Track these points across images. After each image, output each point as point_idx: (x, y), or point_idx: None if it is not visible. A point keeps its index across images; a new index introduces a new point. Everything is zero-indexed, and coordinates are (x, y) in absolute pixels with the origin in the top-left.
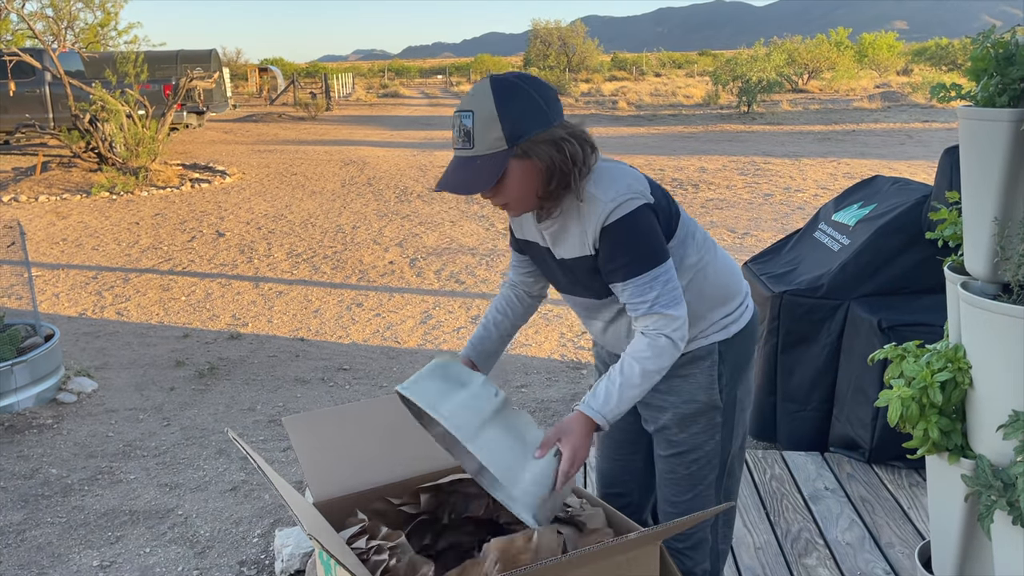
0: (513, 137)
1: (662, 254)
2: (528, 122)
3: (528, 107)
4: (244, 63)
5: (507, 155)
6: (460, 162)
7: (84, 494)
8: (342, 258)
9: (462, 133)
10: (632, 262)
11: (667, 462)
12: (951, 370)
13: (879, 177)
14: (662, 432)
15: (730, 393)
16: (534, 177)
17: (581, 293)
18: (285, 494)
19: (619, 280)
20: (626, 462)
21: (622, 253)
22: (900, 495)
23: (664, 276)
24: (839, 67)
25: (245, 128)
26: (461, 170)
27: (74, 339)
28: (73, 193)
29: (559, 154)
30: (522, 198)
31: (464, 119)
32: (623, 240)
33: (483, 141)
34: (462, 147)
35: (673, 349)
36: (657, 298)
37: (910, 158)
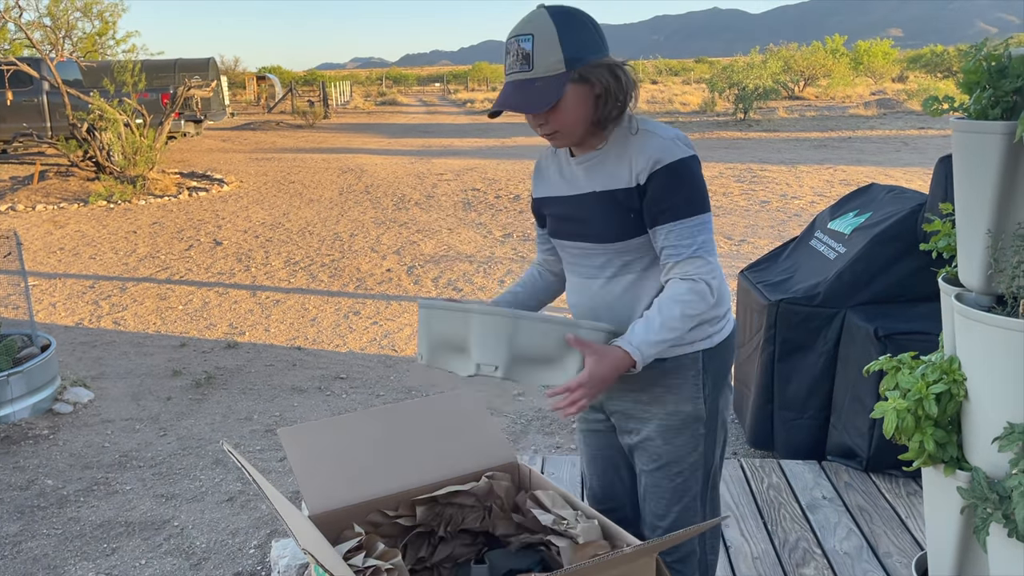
0: (572, 60)
1: (708, 203)
2: (587, 47)
3: (586, 33)
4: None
5: (566, 77)
6: (517, 84)
7: (80, 505)
8: (339, 266)
9: (520, 56)
10: (687, 203)
11: (651, 476)
12: (946, 382)
13: (874, 185)
14: (644, 445)
15: (712, 403)
16: (589, 102)
17: (592, 237)
18: (280, 507)
19: (668, 220)
20: (616, 477)
21: (678, 192)
22: (898, 504)
23: (710, 224)
24: (835, 74)
25: (243, 136)
26: (519, 91)
27: (71, 349)
28: (70, 202)
29: (615, 80)
30: (574, 124)
31: (523, 42)
32: (681, 180)
33: (542, 63)
34: (519, 70)
35: (710, 297)
36: (704, 243)
37: (906, 165)
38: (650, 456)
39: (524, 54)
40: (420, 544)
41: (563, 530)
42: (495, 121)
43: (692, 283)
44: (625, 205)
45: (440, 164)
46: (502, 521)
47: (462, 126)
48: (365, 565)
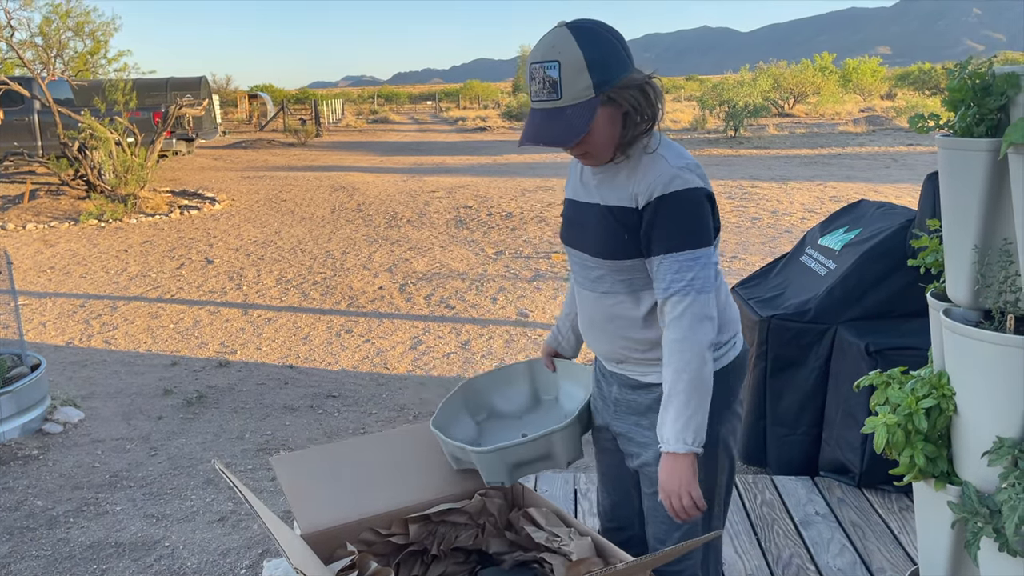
0: (602, 84)
1: (708, 238)
2: (615, 67)
3: (612, 52)
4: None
5: (596, 103)
6: (546, 115)
7: (70, 526)
8: (332, 284)
9: (547, 84)
10: (680, 235)
11: (651, 499)
12: (935, 396)
13: (864, 201)
14: (644, 469)
15: (712, 431)
16: (618, 122)
17: (590, 249)
18: (272, 526)
19: (660, 252)
20: (626, 496)
21: (673, 223)
22: (891, 519)
23: (705, 260)
24: (824, 91)
25: (235, 155)
26: (550, 122)
27: (61, 368)
28: (61, 221)
29: (644, 98)
30: (605, 146)
31: (549, 69)
32: (678, 212)
33: (571, 90)
34: (547, 99)
35: (697, 331)
36: (695, 279)
37: (895, 181)
38: (650, 480)
39: (551, 82)
40: (413, 562)
41: (557, 547)
42: (487, 138)
43: (675, 329)
44: (622, 223)
45: (432, 182)
46: (495, 539)
47: (454, 144)
48: None
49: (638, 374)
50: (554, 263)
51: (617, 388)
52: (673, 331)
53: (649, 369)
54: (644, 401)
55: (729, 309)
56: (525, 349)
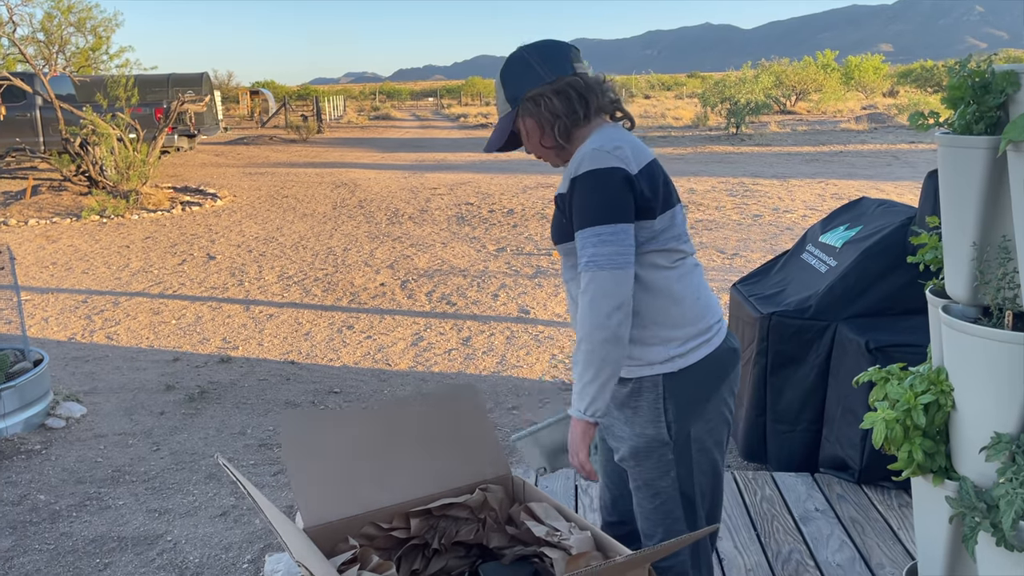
0: (512, 99)
1: (613, 215)
2: (520, 84)
3: (520, 70)
4: (235, 86)
5: (513, 114)
6: (494, 126)
7: (72, 520)
8: (333, 280)
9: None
10: (582, 214)
11: (635, 495)
12: (934, 392)
13: (865, 199)
14: (624, 464)
15: (681, 430)
16: (540, 128)
17: (554, 238)
18: (274, 520)
19: (575, 231)
20: (624, 491)
21: (581, 203)
22: (890, 516)
23: (609, 236)
24: (826, 89)
25: (236, 151)
26: (492, 131)
27: (63, 363)
28: (63, 217)
29: (561, 99)
30: (538, 147)
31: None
32: (585, 190)
33: (500, 106)
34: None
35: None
36: (593, 256)
37: (897, 179)
38: (631, 476)
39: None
40: (414, 556)
41: (556, 541)
42: (488, 135)
43: (584, 308)
44: (561, 208)
45: (434, 178)
46: (496, 533)
47: (456, 140)
48: None
49: None
50: (555, 260)
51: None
52: (580, 304)
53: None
54: (619, 396)
55: (696, 304)
56: (526, 346)
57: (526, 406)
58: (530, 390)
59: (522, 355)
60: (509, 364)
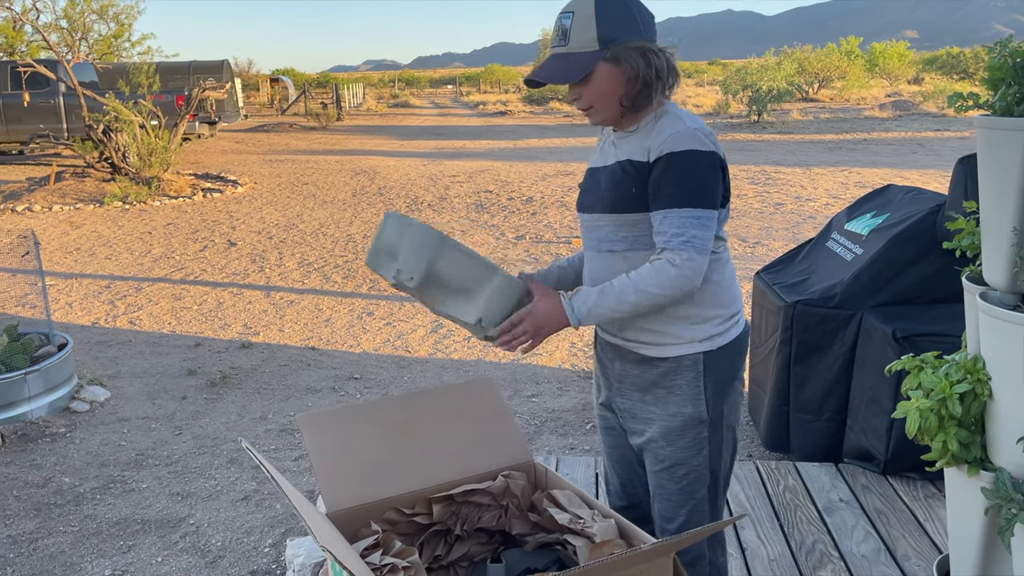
0: (606, 39)
1: (714, 201)
2: (621, 29)
3: (624, 16)
4: (256, 73)
5: (598, 55)
6: (553, 58)
7: (96, 503)
8: (353, 267)
9: (560, 32)
10: (689, 193)
11: (657, 477)
12: (970, 381)
13: (892, 186)
14: (649, 446)
15: (716, 407)
16: (619, 82)
17: (599, 206)
18: (297, 504)
19: (662, 207)
20: (634, 475)
21: (682, 181)
22: (916, 507)
23: (708, 222)
24: (850, 76)
25: (256, 138)
26: (553, 63)
27: (87, 348)
28: (86, 203)
29: (646, 64)
30: (605, 102)
31: (564, 19)
32: (689, 169)
33: (578, 39)
34: (558, 44)
35: (678, 282)
36: (695, 237)
37: (922, 167)
38: (655, 457)
39: (563, 30)
40: (436, 542)
41: (580, 529)
42: (507, 123)
43: (662, 264)
44: (631, 177)
45: (453, 166)
46: (518, 520)
47: (475, 128)
48: (382, 563)
49: (640, 347)
50: (575, 248)
51: (620, 364)
52: (657, 267)
53: (651, 340)
54: (649, 376)
55: (732, 287)
56: None
57: (546, 394)
58: (549, 378)
59: (542, 343)
60: (528, 352)
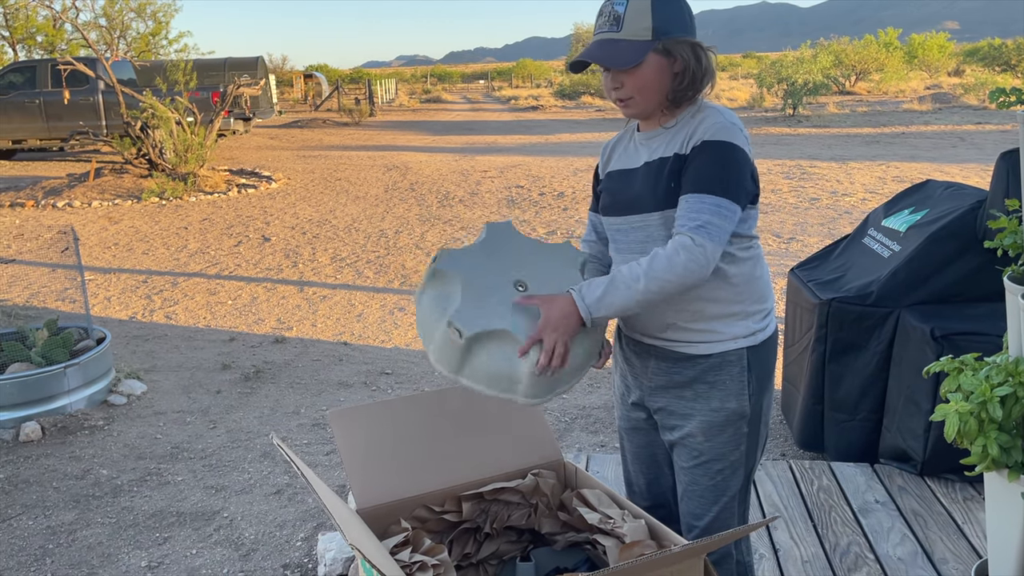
0: (660, 31)
1: (739, 196)
2: (676, 23)
3: (677, 10)
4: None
5: (650, 45)
6: (602, 43)
7: (133, 495)
8: (385, 263)
9: (611, 17)
10: (712, 179)
11: (690, 473)
12: (1012, 384)
13: (931, 181)
14: (685, 441)
15: (757, 402)
16: (668, 75)
17: (635, 207)
18: (327, 501)
19: (689, 190)
20: (661, 474)
21: (710, 167)
22: (954, 509)
23: (728, 213)
24: (888, 68)
25: (290, 134)
26: (603, 47)
27: (124, 342)
28: (125, 199)
29: (695, 60)
30: (648, 94)
31: (617, 5)
32: (720, 159)
33: (631, 27)
34: (608, 30)
35: (687, 267)
36: (710, 223)
37: (963, 161)
38: (690, 453)
39: (616, 16)
40: (466, 540)
41: (609, 529)
42: (539, 117)
43: (672, 249)
44: (671, 170)
45: (484, 161)
46: (548, 519)
47: (506, 123)
48: (411, 560)
49: (682, 345)
50: None
51: (655, 363)
52: (667, 252)
53: (694, 339)
54: (688, 374)
55: (768, 280)
56: None
57: (576, 391)
58: None
59: None
60: None
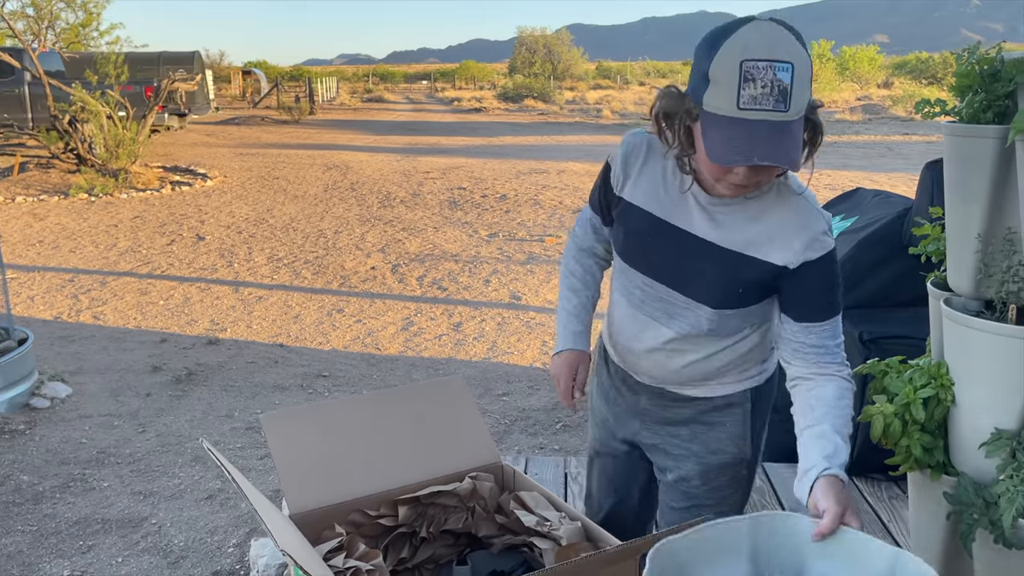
0: (811, 105)
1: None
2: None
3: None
4: (227, 65)
5: (803, 123)
6: (773, 128)
7: (56, 502)
8: (323, 263)
9: (776, 90)
10: (838, 300)
11: (680, 514)
12: (934, 387)
13: (861, 189)
14: (679, 484)
15: (757, 443)
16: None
17: (684, 288)
18: (259, 506)
19: (824, 317)
20: (627, 498)
21: (836, 288)
22: (880, 508)
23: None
24: (821, 79)
25: (227, 131)
26: (779, 138)
27: (48, 343)
28: (51, 195)
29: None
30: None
31: (780, 71)
32: (837, 275)
33: (798, 103)
34: (774, 108)
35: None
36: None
37: (891, 170)
38: (684, 496)
39: (781, 89)
40: (402, 545)
41: (546, 531)
42: (482, 119)
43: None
44: (750, 278)
45: (426, 162)
46: (485, 522)
47: (449, 124)
48: (345, 566)
49: (682, 389)
50: (547, 246)
51: (648, 399)
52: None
53: (698, 387)
54: (685, 412)
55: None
56: (517, 332)
57: (516, 393)
58: (520, 377)
59: (513, 341)
60: (500, 350)
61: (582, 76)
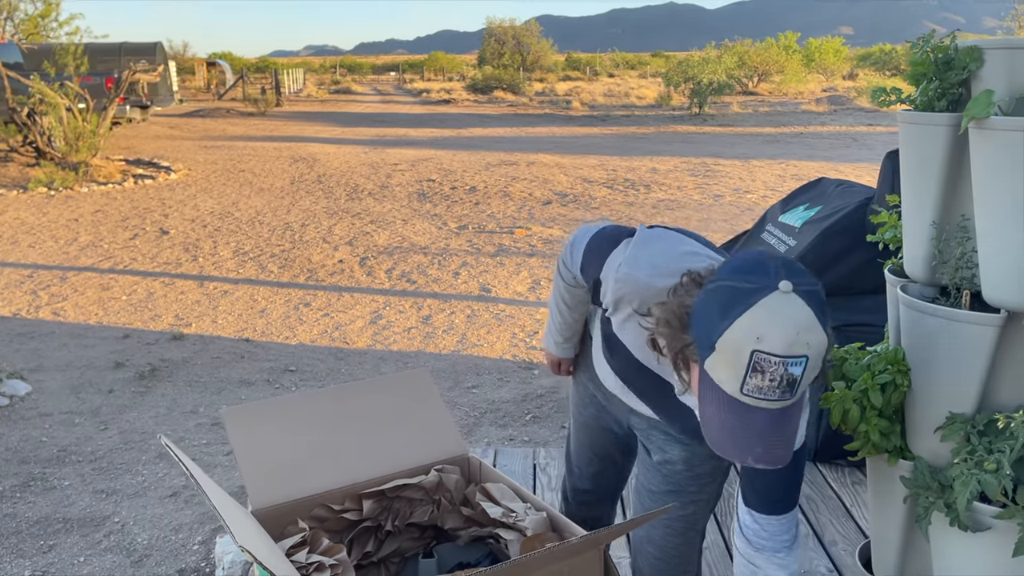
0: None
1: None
2: None
3: None
4: (191, 57)
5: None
6: (772, 417)
7: (16, 501)
8: (290, 257)
9: (783, 382)
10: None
11: (659, 498)
12: (891, 372)
13: (824, 179)
14: (663, 467)
15: None
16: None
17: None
18: (218, 502)
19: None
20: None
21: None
22: (843, 493)
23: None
24: (788, 70)
25: (192, 123)
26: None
27: (7, 340)
28: (9, 189)
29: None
30: None
31: (792, 366)
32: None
33: (804, 386)
34: (778, 398)
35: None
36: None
37: (855, 160)
38: (665, 480)
39: (790, 380)
40: (367, 538)
41: (512, 523)
42: (451, 111)
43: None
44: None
45: (395, 154)
46: (451, 515)
47: (418, 116)
48: (308, 561)
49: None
50: (517, 238)
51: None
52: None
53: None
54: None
55: None
56: (487, 324)
57: (486, 385)
58: (490, 369)
59: (483, 334)
60: (469, 343)
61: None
